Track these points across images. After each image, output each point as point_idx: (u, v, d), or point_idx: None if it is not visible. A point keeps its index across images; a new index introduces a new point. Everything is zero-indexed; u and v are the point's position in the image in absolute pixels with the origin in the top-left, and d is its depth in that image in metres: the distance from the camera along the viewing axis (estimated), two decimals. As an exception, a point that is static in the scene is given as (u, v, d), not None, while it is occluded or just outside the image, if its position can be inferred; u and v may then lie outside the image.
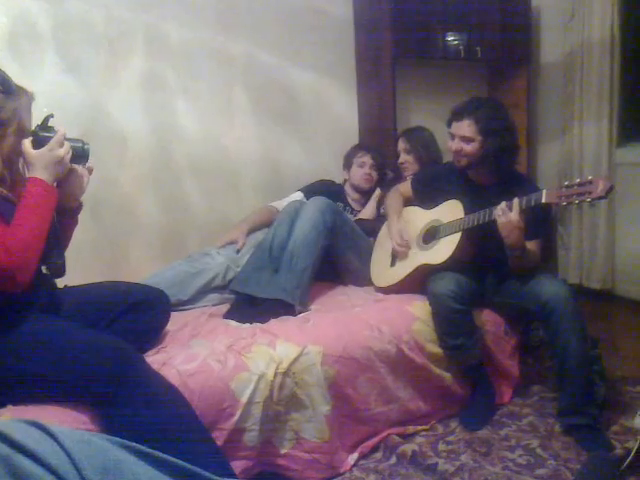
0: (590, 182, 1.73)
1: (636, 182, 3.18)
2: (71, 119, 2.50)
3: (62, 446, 0.68)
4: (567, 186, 1.78)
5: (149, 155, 2.79)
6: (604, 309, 3.22)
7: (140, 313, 1.75)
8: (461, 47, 3.13)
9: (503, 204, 1.89)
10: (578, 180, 1.77)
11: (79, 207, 1.67)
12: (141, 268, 2.60)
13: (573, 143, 3.42)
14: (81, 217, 1.71)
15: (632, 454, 1.63)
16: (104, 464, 0.68)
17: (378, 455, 1.83)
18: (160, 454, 0.75)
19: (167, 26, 2.75)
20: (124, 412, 1.31)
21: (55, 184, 1.48)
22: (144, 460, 0.73)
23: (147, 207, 2.81)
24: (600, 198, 1.72)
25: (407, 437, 1.90)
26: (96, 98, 2.63)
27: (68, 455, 0.67)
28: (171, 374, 1.54)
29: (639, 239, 3.21)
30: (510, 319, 2.19)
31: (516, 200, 1.87)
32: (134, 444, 0.74)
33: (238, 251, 2.49)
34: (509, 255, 1.96)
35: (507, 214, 1.87)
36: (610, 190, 1.70)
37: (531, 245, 1.99)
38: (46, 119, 1.51)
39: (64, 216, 1.61)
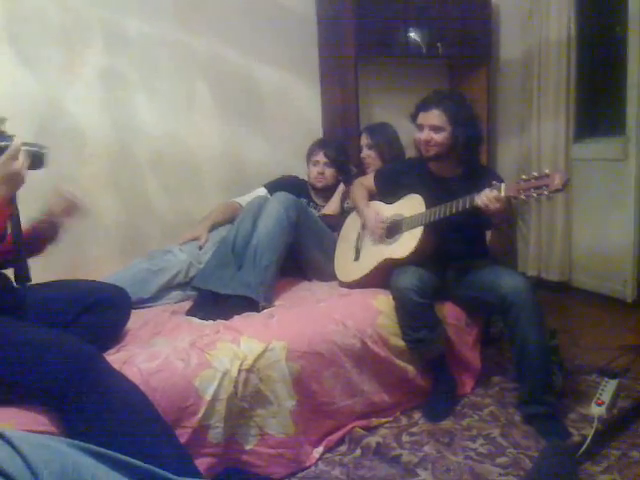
0: (547, 175, 1.76)
1: (592, 177, 3.27)
2: (26, 115, 2.44)
3: (18, 451, 0.66)
4: (525, 179, 1.81)
5: (108, 151, 2.73)
6: (562, 300, 3.31)
7: (100, 312, 1.73)
8: (422, 44, 3.16)
9: (487, 190, 1.88)
10: (535, 174, 1.81)
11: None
12: (101, 267, 2.55)
13: (531, 139, 3.49)
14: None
15: (588, 441, 1.69)
16: (63, 468, 0.67)
17: (343, 448, 1.84)
18: (120, 456, 0.74)
19: (126, 20, 2.70)
20: (84, 413, 1.29)
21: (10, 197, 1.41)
22: (104, 463, 0.72)
23: (106, 204, 2.75)
24: (557, 191, 1.75)
25: (371, 430, 1.92)
26: (52, 94, 2.56)
27: (24, 460, 0.65)
28: (132, 373, 1.52)
29: (595, 232, 3.31)
30: (471, 311, 2.24)
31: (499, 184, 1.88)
32: (93, 447, 0.73)
33: (201, 248, 2.47)
34: (495, 227, 2.02)
35: (487, 193, 1.86)
36: (566, 183, 1.74)
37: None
38: None
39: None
